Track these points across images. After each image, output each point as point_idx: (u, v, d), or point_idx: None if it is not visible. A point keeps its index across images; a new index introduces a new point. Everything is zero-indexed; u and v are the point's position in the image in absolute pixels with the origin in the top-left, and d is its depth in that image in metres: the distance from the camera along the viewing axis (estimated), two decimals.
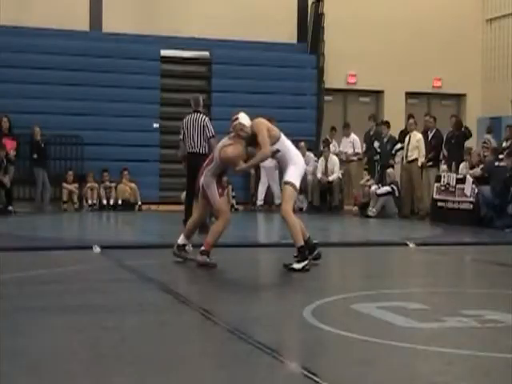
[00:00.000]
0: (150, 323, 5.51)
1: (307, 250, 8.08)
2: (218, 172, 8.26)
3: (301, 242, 8.04)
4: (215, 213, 8.48)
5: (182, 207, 14.64)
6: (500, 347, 4.87)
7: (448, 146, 16.29)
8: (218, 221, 8.36)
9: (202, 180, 8.25)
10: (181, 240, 8.67)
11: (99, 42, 18.24)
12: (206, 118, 12.34)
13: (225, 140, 8.40)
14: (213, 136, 12.34)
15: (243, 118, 8.27)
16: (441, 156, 16.58)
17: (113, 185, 17.78)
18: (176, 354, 4.63)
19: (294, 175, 8.10)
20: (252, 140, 8.14)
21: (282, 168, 8.28)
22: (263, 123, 8.22)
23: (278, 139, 8.19)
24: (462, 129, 16.69)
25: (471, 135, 16.47)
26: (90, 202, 17.71)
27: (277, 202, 16.97)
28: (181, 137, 12.29)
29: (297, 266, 7.99)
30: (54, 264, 8.52)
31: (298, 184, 8.15)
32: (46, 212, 16.53)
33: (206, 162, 8.41)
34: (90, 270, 8.43)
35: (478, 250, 11.17)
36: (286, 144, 8.25)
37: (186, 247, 8.73)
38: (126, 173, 17.78)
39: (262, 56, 19.18)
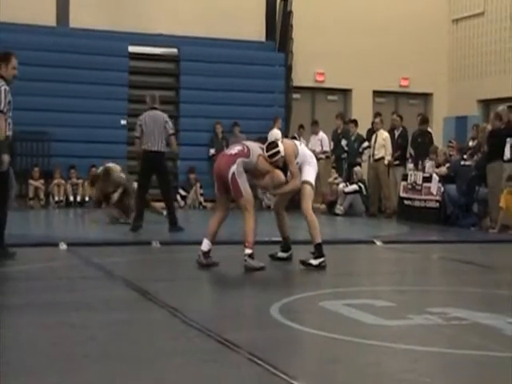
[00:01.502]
0: (118, 321, 5.48)
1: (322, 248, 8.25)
2: (246, 169, 8.19)
3: (318, 240, 8.26)
4: (240, 204, 8.16)
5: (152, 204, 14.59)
6: (464, 344, 4.93)
7: (415, 145, 16.42)
8: (246, 218, 8.14)
9: (234, 168, 8.08)
10: (205, 246, 8.32)
11: (66, 37, 18.08)
12: (166, 116, 12.25)
13: (259, 149, 8.33)
14: (173, 133, 12.29)
15: (282, 149, 8.29)
16: (408, 154, 16.70)
17: (80, 181, 17.66)
18: (144, 352, 4.62)
19: (311, 174, 8.41)
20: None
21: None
22: (291, 149, 8.40)
23: (297, 153, 8.44)
24: (428, 128, 16.83)
25: (432, 143, 16.59)
26: (56, 198, 17.58)
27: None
28: (137, 134, 12.10)
29: (314, 262, 8.21)
30: (20, 261, 8.43)
31: (314, 183, 8.50)
32: (12, 209, 16.34)
33: (235, 152, 8.23)
34: (56, 267, 8.37)
35: (444, 248, 11.27)
36: (302, 152, 8.51)
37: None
38: (93, 170, 17.65)
39: (230, 54, 19.15)
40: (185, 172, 18.38)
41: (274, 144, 8.39)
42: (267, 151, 8.26)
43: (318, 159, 18.11)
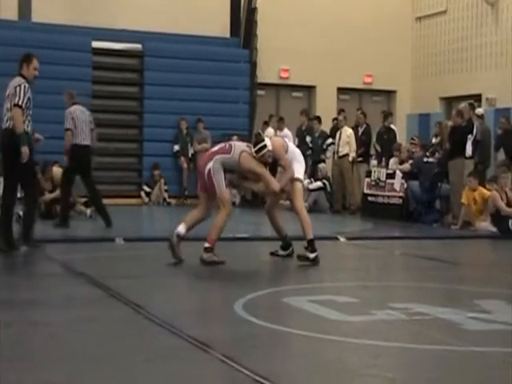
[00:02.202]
0: (80, 318, 5.44)
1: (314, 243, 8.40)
2: (226, 166, 8.16)
3: (310, 236, 8.39)
4: (218, 202, 8.21)
5: (116, 200, 14.55)
6: (426, 339, 4.98)
7: (381, 142, 16.51)
8: (220, 214, 8.17)
9: (210, 165, 8.08)
10: (181, 229, 8.29)
11: (28, 31, 17.87)
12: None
13: (243, 146, 8.38)
14: (94, 128, 12.31)
15: (269, 144, 8.32)
16: (372, 151, 16.79)
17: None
18: (106, 350, 4.59)
19: (300, 172, 8.55)
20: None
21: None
22: (280, 144, 8.51)
23: (287, 150, 8.52)
24: (392, 125, 16.94)
25: (395, 139, 16.70)
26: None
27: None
28: (69, 126, 11.87)
29: (311, 255, 8.34)
30: None
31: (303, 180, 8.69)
32: None
33: (215, 149, 8.28)
34: (17, 263, 8.28)
35: (406, 244, 11.36)
36: (291, 149, 8.62)
37: None
38: (54, 168, 17.47)
39: (194, 50, 19.08)
40: (149, 168, 18.30)
41: (259, 138, 8.45)
42: (254, 147, 8.27)
43: None
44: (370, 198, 15.45)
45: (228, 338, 4.90)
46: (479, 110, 15.26)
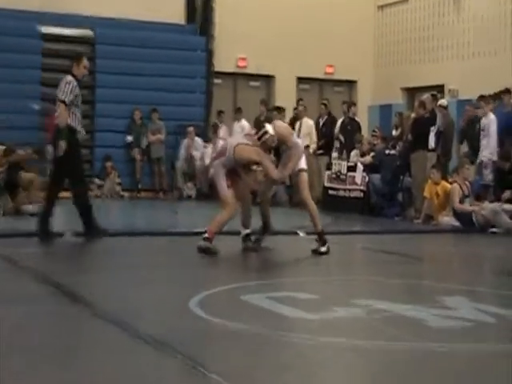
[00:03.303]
0: (30, 315, 5.38)
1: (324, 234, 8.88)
2: (228, 166, 8.55)
3: (319, 228, 8.84)
4: (222, 203, 8.72)
5: (65, 193, 14.32)
6: (386, 336, 5.01)
7: (344, 133, 16.52)
8: (224, 211, 8.58)
9: (211, 172, 8.79)
10: (244, 230, 8.99)
11: None
12: None
13: (240, 138, 8.75)
14: None
15: (270, 129, 8.57)
16: (336, 143, 16.80)
17: None
18: (56, 345, 4.54)
19: (303, 162, 8.85)
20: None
21: (284, 158, 8.75)
22: (284, 128, 8.91)
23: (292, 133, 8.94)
24: (356, 118, 17.02)
25: (360, 131, 16.82)
26: None
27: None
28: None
29: (323, 249, 8.74)
30: None
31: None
32: None
33: (215, 155, 8.82)
34: None
35: (368, 239, 11.44)
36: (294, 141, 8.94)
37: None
38: None
39: (148, 37, 18.96)
40: (100, 160, 18.15)
41: (260, 126, 8.70)
42: (255, 135, 8.53)
43: None
44: (330, 192, 15.51)
45: (182, 336, 4.88)
46: (443, 101, 15.39)
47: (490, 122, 13.43)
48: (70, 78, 9.79)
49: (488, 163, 13.31)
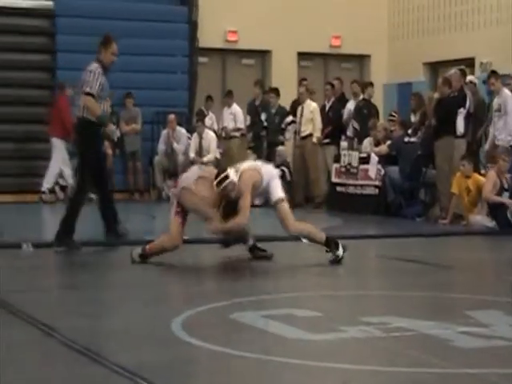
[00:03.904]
0: None
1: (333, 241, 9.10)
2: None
3: (323, 239, 9.09)
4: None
5: (23, 197, 14.36)
6: (406, 360, 5.02)
7: (359, 118, 16.45)
8: (166, 238, 8.98)
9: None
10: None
11: None
12: None
13: (193, 176, 8.93)
14: None
15: (233, 175, 8.73)
16: (347, 130, 16.77)
17: None
18: (4, 382, 4.54)
19: (280, 188, 9.12)
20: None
21: (261, 193, 9.11)
22: (250, 178, 8.86)
23: (261, 179, 8.95)
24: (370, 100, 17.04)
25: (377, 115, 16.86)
26: None
27: None
28: None
29: (339, 252, 8.98)
30: None
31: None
32: None
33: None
34: None
35: (383, 244, 11.44)
36: (266, 170, 9.16)
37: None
38: None
39: (119, 7, 18.95)
40: None
41: (221, 167, 9.14)
42: (216, 177, 8.70)
43: (231, 137, 18.40)
44: (338, 188, 15.52)
45: (162, 364, 4.89)
46: (472, 78, 15.39)
47: (507, 99, 13.49)
48: (94, 65, 10.11)
49: (506, 149, 13.35)
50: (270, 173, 9.16)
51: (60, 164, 17.40)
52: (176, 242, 8.86)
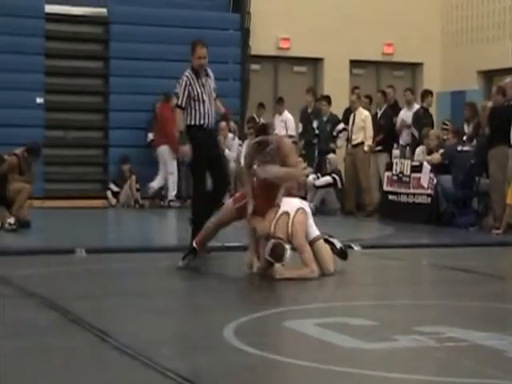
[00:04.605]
0: (31, 348, 5.45)
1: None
2: None
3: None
4: None
5: (76, 202, 14.50)
6: (460, 371, 4.99)
7: (418, 126, 16.35)
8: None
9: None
10: None
11: None
12: None
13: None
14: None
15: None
16: (401, 139, 16.69)
17: None
18: None
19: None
20: None
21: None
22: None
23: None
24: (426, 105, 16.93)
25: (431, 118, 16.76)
26: None
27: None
28: None
29: (338, 244, 9.03)
30: None
31: None
32: None
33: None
34: None
35: (436, 253, 11.38)
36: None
37: None
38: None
39: (172, 14, 19.06)
40: (116, 162, 18.29)
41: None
42: None
43: None
44: (390, 197, 15.47)
45: (216, 372, 4.91)
46: None
47: None
48: (185, 73, 10.48)
49: None
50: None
51: (165, 173, 17.81)
52: (233, 214, 8.85)
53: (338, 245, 9.12)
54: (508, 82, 14.23)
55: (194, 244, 8.99)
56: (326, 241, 9.01)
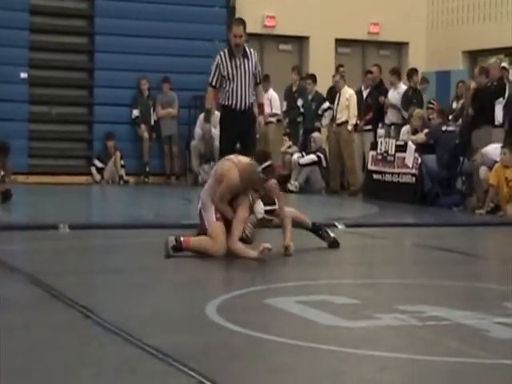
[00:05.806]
0: (12, 324, 5.43)
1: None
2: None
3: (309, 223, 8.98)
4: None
5: (60, 178, 14.45)
6: (442, 349, 5.00)
7: (408, 107, 16.30)
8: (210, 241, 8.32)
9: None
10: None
11: None
12: None
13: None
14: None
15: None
16: (387, 119, 16.68)
17: None
18: (44, 363, 4.58)
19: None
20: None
21: None
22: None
23: None
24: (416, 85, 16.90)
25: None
26: None
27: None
28: None
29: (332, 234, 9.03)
30: None
31: None
32: None
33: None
34: None
35: (420, 233, 11.41)
36: None
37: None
38: None
39: None
40: (101, 139, 18.24)
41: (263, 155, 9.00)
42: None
43: (267, 123, 18.37)
44: (375, 176, 15.49)
45: (197, 348, 4.91)
46: (505, 65, 15.25)
47: None
48: (220, 52, 10.71)
49: None
50: None
51: None
52: (223, 248, 8.27)
53: (332, 234, 9.10)
54: (494, 63, 14.25)
55: (183, 244, 8.35)
56: (320, 229, 9.06)
